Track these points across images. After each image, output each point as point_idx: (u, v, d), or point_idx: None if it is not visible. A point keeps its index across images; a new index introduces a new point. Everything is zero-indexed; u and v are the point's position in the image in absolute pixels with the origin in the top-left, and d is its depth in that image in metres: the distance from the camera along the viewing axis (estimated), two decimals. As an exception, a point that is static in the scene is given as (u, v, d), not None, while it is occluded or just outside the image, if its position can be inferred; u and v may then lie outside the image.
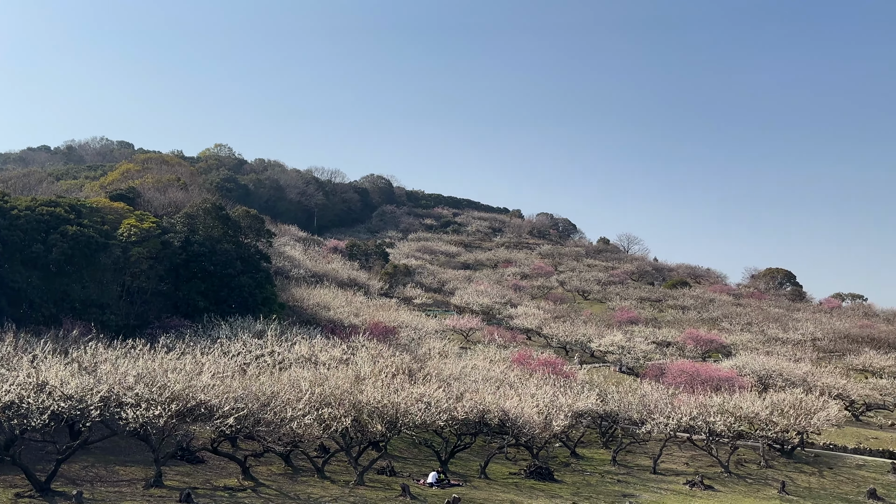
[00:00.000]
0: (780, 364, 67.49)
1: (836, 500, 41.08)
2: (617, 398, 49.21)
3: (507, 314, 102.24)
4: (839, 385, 63.38)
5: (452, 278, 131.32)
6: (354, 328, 62.57)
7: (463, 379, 46.84)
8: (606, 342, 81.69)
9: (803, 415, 48.00)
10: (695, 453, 49.02)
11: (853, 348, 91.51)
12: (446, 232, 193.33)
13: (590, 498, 35.48)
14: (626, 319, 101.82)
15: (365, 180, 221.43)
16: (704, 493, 39.41)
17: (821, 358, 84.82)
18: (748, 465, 47.88)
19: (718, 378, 58.48)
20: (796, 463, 49.03)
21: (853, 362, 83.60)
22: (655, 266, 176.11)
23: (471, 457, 43.31)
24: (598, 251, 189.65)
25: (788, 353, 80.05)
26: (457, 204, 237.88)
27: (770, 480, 44.18)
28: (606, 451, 49.31)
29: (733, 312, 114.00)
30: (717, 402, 47.30)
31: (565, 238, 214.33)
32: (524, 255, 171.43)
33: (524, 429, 39.20)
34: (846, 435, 57.41)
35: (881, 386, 68.59)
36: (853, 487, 44.14)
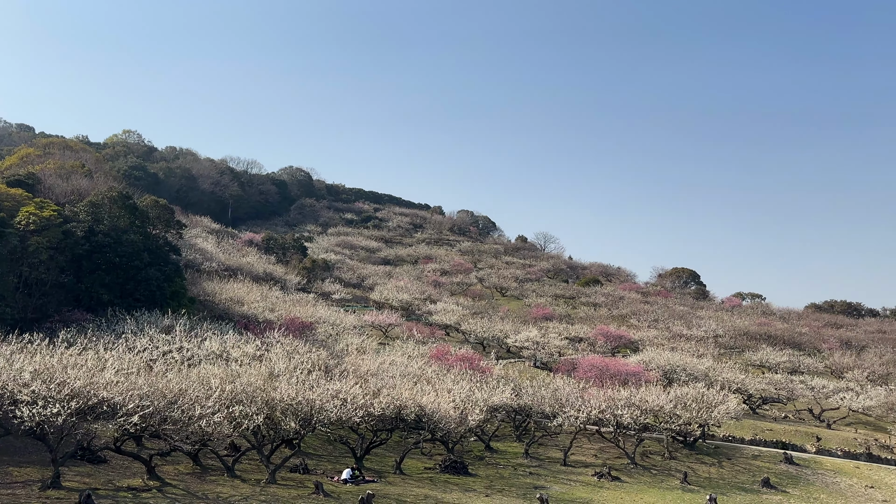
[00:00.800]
0: (684, 359, 70.59)
1: (734, 489, 43.41)
2: (531, 392, 50.30)
3: (427, 310, 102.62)
4: (738, 380, 66.91)
5: (372, 274, 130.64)
6: (269, 324, 61.25)
7: (381, 375, 46.69)
8: (522, 338, 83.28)
9: (705, 408, 50.45)
10: (603, 445, 50.72)
11: (752, 345, 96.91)
12: (367, 227, 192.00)
13: (502, 491, 36.13)
14: (541, 316, 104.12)
15: (283, 172, 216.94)
16: (612, 485, 40.85)
17: (722, 354, 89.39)
18: (653, 457, 49.92)
19: (626, 373, 60.65)
20: (698, 454, 51.49)
21: (751, 358, 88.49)
22: (570, 264, 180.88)
23: (386, 453, 43.28)
24: (516, 249, 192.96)
25: (692, 349, 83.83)
26: (378, 199, 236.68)
27: (673, 471, 46.24)
28: (520, 444, 50.31)
29: (641, 310, 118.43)
30: (625, 395, 49.08)
31: (485, 235, 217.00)
32: (444, 251, 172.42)
33: (440, 424, 39.50)
34: (744, 427, 60.79)
35: (776, 381, 72.90)
36: (749, 477, 46.78)
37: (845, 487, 46.47)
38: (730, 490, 42.98)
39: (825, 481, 47.26)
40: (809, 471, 49.19)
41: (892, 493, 46.19)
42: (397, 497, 31.27)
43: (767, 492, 43.42)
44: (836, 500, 43.25)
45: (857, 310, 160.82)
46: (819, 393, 71.49)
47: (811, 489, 45.16)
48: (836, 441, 60.16)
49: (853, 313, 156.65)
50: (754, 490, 43.63)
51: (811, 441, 58.86)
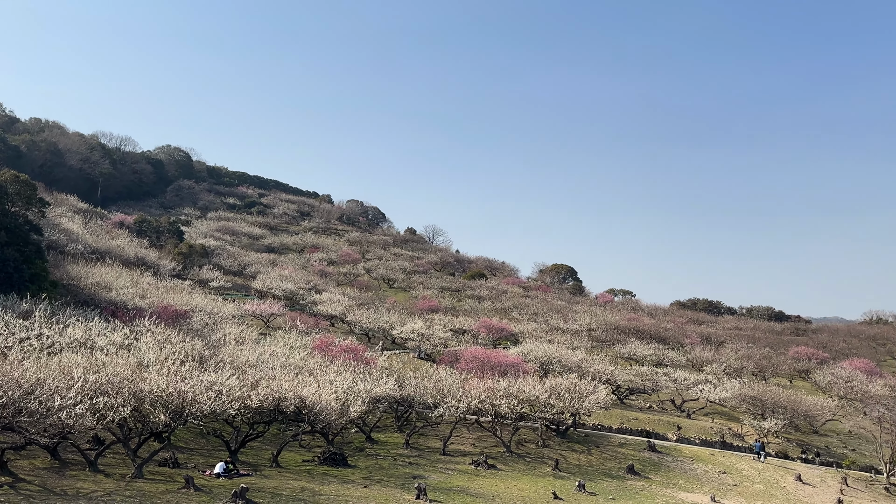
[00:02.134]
0: (560, 351, 73.50)
1: (601, 476, 45.75)
2: (414, 383, 50.68)
3: (312, 300, 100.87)
4: (608, 371, 70.44)
5: (255, 261, 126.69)
6: (140, 311, 58.06)
7: (260, 366, 45.42)
8: (408, 329, 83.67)
9: (577, 398, 52.77)
10: (481, 434, 51.96)
11: (622, 338, 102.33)
12: (250, 213, 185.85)
13: (381, 481, 36.20)
14: (427, 308, 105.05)
15: (160, 151, 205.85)
16: (488, 472, 41.95)
17: (594, 346, 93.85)
18: (528, 445, 51.70)
19: (506, 364, 62.36)
20: (569, 442, 53.82)
21: (621, 351, 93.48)
22: (457, 258, 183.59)
23: (263, 446, 42.22)
24: (405, 241, 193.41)
25: (567, 342, 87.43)
26: (263, 184, 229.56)
27: (546, 459, 48.10)
28: (401, 434, 50.58)
29: (523, 303, 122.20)
30: (504, 386, 50.48)
31: (374, 226, 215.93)
32: (332, 241, 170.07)
33: (321, 415, 38.98)
34: (612, 416, 64.15)
35: (642, 372, 77.37)
36: (616, 463, 49.45)
37: (701, 473, 50.14)
38: (597, 476, 45.25)
39: (683, 467, 50.77)
40: (670, 458, 52.65)
41: (741, 478, 50.33)
42: (273, 490, 30.59)
43: (632, 478, 46.10)
44: (693, 485, 46.58)
45: (717, 308, 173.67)
46: (681, 385, 76.54)
47: (671, 475, 48.39)
48: (694, 430, 64.73)
49: (713, 311, 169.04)
50: (620, 476, 46.19)
51: (672, 430, 63.03)
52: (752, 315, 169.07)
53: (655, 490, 43.58)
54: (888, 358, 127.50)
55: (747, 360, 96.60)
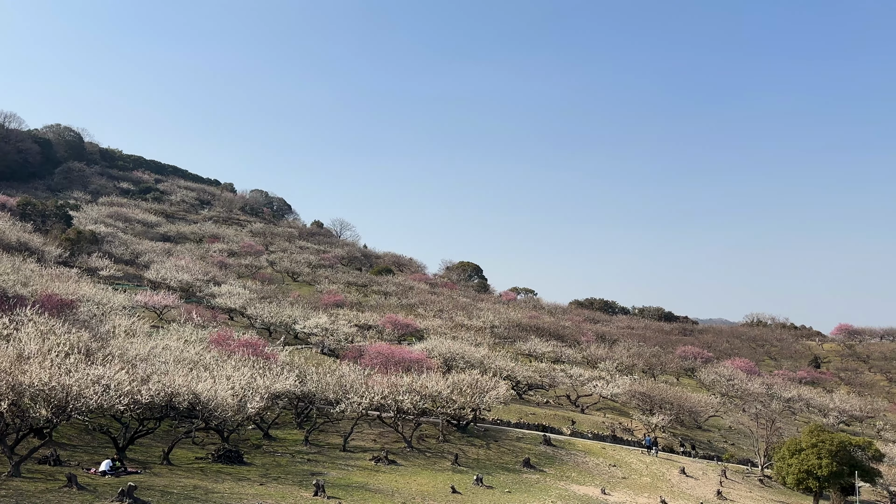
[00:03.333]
0: (463, 348, 74.50)
1: (498, 469, 46.76)
2: (316, 379, 49.95)
3: (210, 292, 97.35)
4: (509, 367, 72.07)
5: (149, 250, 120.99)
6: (21, 300, 54.18)
7: (152, 360, 43.44)
8: (311, 324, 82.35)
9: (478, 393, 53.73)
10: (383, 430, 51.94)
11: (523, 336, 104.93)
12: (146, 199, 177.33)
13: (278, 479, 35.51)
14: (332, 302, 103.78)
15: (49, 130, 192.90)
16: (388, 468, 41.99)
17: (497, 343, 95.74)
18: (429, 440, 52.13)
19: (410, 360, 62.58)
20: (469, 437, 54.68)
21: (521, 348, 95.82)
22: (365, 252, 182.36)
23: (154, 443, 40.50)
24: (311, 234, 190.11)
25: (471, 339, 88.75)
26: (161, 169, 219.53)
27: (446, 453, 48.65)
28: (300, 431, 49.78)
29: (429, 300, 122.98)
30: (407, 381, 50.65)
31: (279, 218, 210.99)
32: (234, 231, 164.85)
33: (216, 412, 37.74)
34: (511, 411, 65.67)
35: (541, 369, 79.64)
36: (513, 457, 50.67)
37: (592, 466, 52.17)
38: (495, 470, 46.23)
39: (576, 461, 52.66)
40: (564, 451, 54.48)
41: (630, 470, 52.73)
42: (163, 488, 29.39)
43: (527, 471, 47.39)
44: (585, 478, 48.40)
45: (611, 307, 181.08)
46: (576, 381, 79.33)
47: (564, 468, 50.08)
48: (587, 424, 67.26)
49: (609, 310, 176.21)
50: (516, 470, 47.37)
51: (567, 424, 65.24)
52: (644, 315, 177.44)
53: (549, 483, 44.98)
54: (766, 358, 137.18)
55: (638, 358, 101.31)
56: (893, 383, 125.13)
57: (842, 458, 50.39)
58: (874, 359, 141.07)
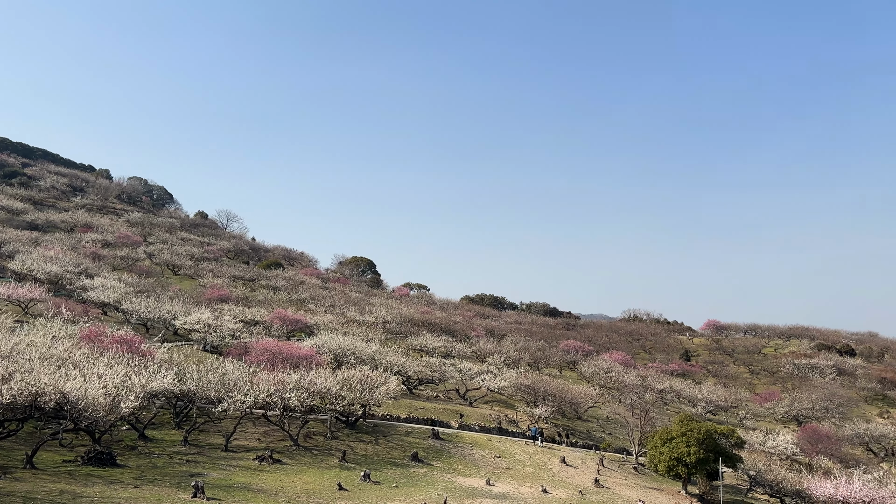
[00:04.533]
0: (355, 343, 73.91)
1: (387, 464, 46.80)
2: (196, 377, 47.95)
3: (81, 285, 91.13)
4: (400, 363, 72.21)
5: (13, 239, 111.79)
6: None
7: (14, 357, 40.19)
8: (193, 320, 78.87)
9: (368, 389, 53.50)
10: (268, 429, 50.67)
11: (415, 331, 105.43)
12: (10, 184, 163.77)
13: (154, 481, 33.88)
14: (216, 297, 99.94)
15: None
16: (272, 467, 41.02)
17: (388, 338, 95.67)
18: (316, 438, 51.38)
19: (299, 356, 61.38)
20: (358, 433, 54.38)
21: (413, 343, 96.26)
22: (252, 245, 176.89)
23: (16, 445, 37.52)
24: (194, 225, 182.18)
25: (363, 334, 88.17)
26: (29, 153, 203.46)
27: (334, 450, 48.15)
28: (179, 431, 47.70)
29: (320, 295, 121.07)
30: (295, 378, 49.65)
31: (160, 207, 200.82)
32: (109, 220, 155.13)
33: (86, 412, 35.44)
34: (401, 406, 65.88)
35: (432, 363, 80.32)
36: (401, 452, 50.86)
37: (479, 458, 53.27)
38: (383, 465, 46.24)
39: (463, 453, 53.59)
40: (451, 444, 55.28)
41: (514, 461, 54.26)
42: (25, 494, 27.31)
43: (415, 465, 47.73)
44: (471, 470, 49.34)
45: (501, 303, 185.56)
46: (465, 375, 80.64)
47: (451, 461, 50.83)
48: (475, 417, 68.57)
49: (498, 306, 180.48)
50: (404, 464, 47.61)
51: (456, 418, 66.24)
52: (531, 311, 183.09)
53: (436, 476, 45.52)
54: (641, 351, 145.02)
55: (524, 352, 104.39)
56: (755, 375, 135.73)
57: (708, 446, 54.10)
58: (738, 352, 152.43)
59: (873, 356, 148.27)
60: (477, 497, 40.22)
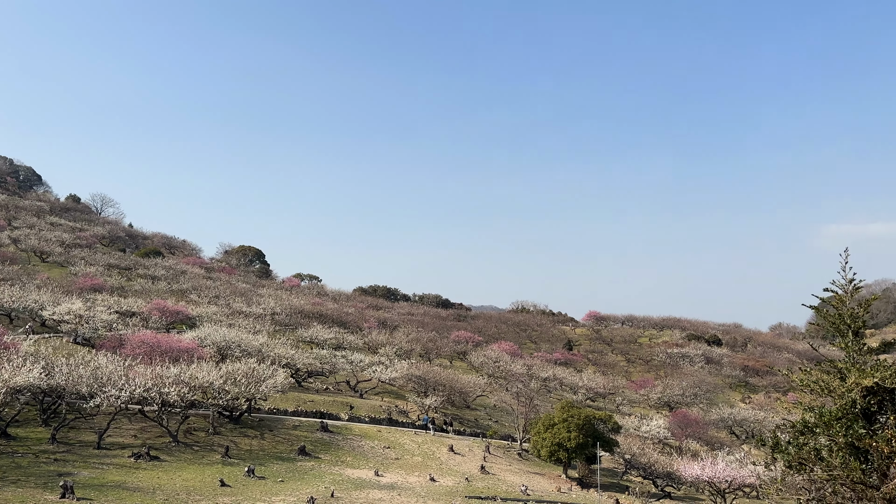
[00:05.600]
0: (240, 336, 71.70)
1: (273, 459, 45.81)
2: (66, 371, 44.94)
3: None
4: (289, 355, 70.79)
5: None
6: None
7: None
8: (63, 310, 73.75)
9: (254, 383, 52.05)
10: (145, 425, 48.31)
11: (305, 322, 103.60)
12: None
13: (18, 481, 31.53)
14: (89, 286, 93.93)
15: None
16: (150, 465, 39.21)
17: (277, 330, 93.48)
18: (197, 433, 49.50)
19: (179, 349, 58.84)
20: (242, 428, 52.86)
21: (303, 335, 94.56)
22: (130, 232, 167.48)
23: None
24: (65, 209, 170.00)
25: (249, 326, 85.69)
26: None
27: (216, 446, 46.59)
28: (47, 428, 44.56)
29: (203, 285, 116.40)
30: (174, 372, 47.60)
31: (26, 189, 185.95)
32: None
33: (-64, 411, 32.45)
34: (288, 399, 64.63)
35: (322, 356, 79.26)
36: (288, 446, 49.94)
37: (368, 449, 53.20)
38: (269, 460, 45.24)
39: (352, 445, 53.33)
40: (340, 437, 54.88)
41: (403, 451, 54.58)
42: None
43: (303, 459, 47.04)
44: (359, 462, 49.20)
45: (394, 294, 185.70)
46: (356, 366, 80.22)
47: (340, 453, 50.48)
48: (365, 409, 68.37)
49: (391, 297, 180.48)
50: (291, 458, 46.80)
51: (346, 410, 65.79)
52: (424, 302, 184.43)
53: (324, 469, 45.08)
54: (528, 341, 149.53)
55: (416, 343, 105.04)
56: (631, 363, 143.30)
57: (587, 431, 56.67)
58: (616, 342, 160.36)
59: (737, 345, 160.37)
60: (365, 488, 40.17)
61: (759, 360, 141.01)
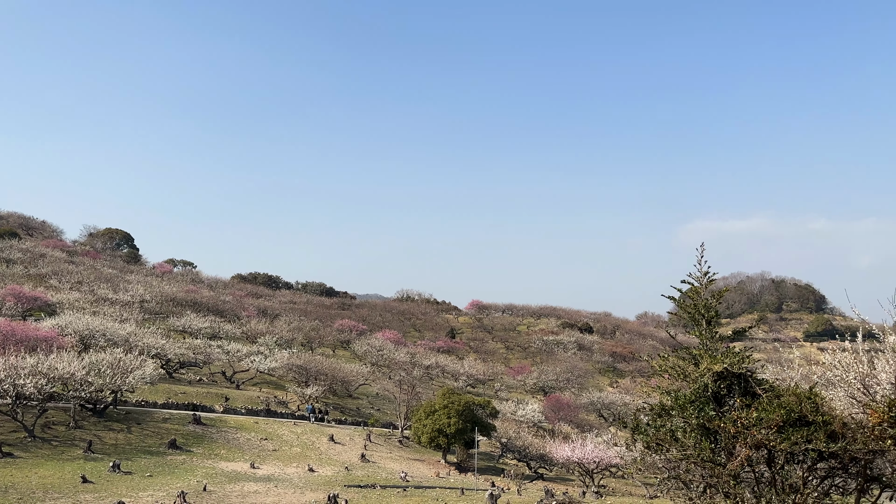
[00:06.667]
0: (105, 324, 67.50)
1: (140, 453, 43.60)
2: None
3: None
4: (159, 345, 67.41)
5: None
6: None
7: None
8: None
9: (120, 374, 49.22)
10: (-3, 421, 44.55)
11: (178, 311, 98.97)
12: None
13: None
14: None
15: None
16: (2, 462, 36.25)
17: (147, 319, 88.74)
18: (57, 428, 46.22)
19: (37, 338, 54.54)
20: (107, 421, 49.91)
21: (175, 324, 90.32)
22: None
23: None
24: None
25: (116, 314, 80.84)
26: None
27: (78, 441, 43.74)
28: None
29: (65, 270, 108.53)
30: (31, 362, 44.16)
31: None
32: None
33: None
34: (158, 391, 61.67)
35: (196, 345, 76.11)
36: (157, 440, 47.66)
37: (244, 441, 51.74)
38: (136, 454, 43.04)
39: (227, 438, 51.68)
40: (215, 429, 53.03)
41: (281, 443, 53.53)
42: None
43: (173, 452, 45.09)
44: (234, 454, 47.79)
45: (275, 282, 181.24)
46: (233, 357, 77.74)
47: (214, 446, 48.79)
48: (242, 400, 66.43)
49: (272, 285, 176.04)
50: (161, 452, 44.73)
51: (220, 401, 63.64)
52: (307, 290, 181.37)
53: (196, 462, 43.45)
54: (412, 330, 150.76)
55: (298, 332, 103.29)
56: (510, 350, 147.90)
57: (467, 417, 57.97)
58: (496, 330, 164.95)
59: (607, 333, 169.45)
60: (240, 481, 39.09)
61: (626, 346, 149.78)
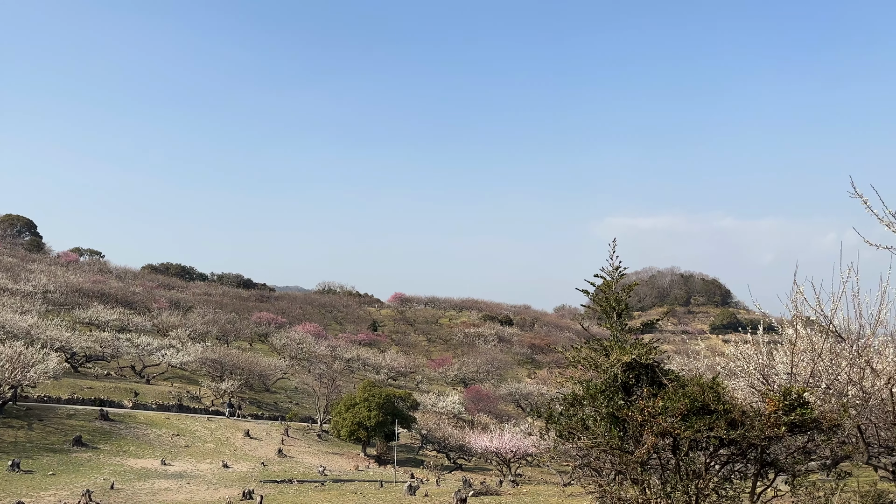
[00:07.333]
0: (4, 316, 63.74)
1: (43, 451, 41.45)
2: None
3: None
4: (63, 338, 64.19)
5: None
6: None
7: None
8: None
9: (20, 368, 46.59)
10: None
11: (84, 302, 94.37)
12: None
13: None
14: None
15: None
16: None
17: (50, 310, 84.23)
18: (-53, 428, 43.36)
19: (-75, 332, 50.93)
20: (6, 418, 47.15)
21: (81, 316, 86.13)
22: None
23: None
24: None
25: (16, 305, 76.38)
26: None
27: (-29, 441, 41.16)
28: None
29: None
30: (-82, 359, 41.17)
31: None
32: None
33: None
34: (63, 386, 58.74)
35: (103, 338, 72.88)
36: (61, 437, 45.42)
37: (154, 438, 49.98)
38: (38, 452, 40.91)
39: (136, 434, 49.80)
40: (123, 425, 50.99)
41: (194, 438, 52.00)
42: None
43: (78, 450, 43.12)
44: (144, 451, 46.12)
45: (189, 273, 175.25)
46: (143, 350, 74.86)
47: (122, 442, 46.93)
48: (153, 395, 64.10)
49: (186, 276, 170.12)
50: (65, 450, 42.68)
51: (129, 397, 61.21)
52: (223, 282, 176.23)
53: (103, 459, 41.71)
54: (333, 322, 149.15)
55: (213, 325, 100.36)
56: (431, 343, 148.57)
57: (387, 409, 57.94)
58: (419, 322, 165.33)
59: (526, 325, 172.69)
60: (150, 478, 37.76)
61: (544, 338, 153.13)
